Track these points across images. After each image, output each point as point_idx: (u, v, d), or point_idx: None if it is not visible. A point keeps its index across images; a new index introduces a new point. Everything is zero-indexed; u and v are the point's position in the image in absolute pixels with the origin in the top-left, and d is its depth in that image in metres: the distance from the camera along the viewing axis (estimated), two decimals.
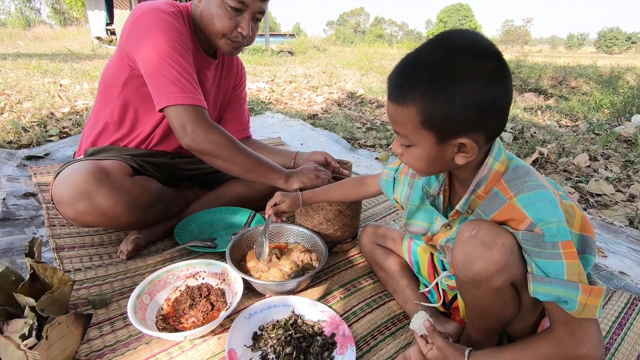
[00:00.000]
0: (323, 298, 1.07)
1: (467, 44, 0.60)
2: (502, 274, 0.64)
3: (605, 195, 2.06)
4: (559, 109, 4.88)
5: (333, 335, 0.90)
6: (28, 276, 0.82)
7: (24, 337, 0.72)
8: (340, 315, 0.99)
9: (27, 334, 0.72)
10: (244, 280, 1.00)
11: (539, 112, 4.75)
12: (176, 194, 1.35)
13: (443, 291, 0.94)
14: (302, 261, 1.15)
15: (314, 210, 1.23)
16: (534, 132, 3.34)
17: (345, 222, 1.25)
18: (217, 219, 1.41)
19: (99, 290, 1.05)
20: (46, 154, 2.06)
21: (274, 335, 0.89)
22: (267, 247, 1.13)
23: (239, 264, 1.13)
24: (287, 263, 1.13)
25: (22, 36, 12.40)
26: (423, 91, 0.61)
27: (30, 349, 0.69)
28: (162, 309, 0.97)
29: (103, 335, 0.89)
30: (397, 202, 0.98)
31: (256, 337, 0.89)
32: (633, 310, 1.07)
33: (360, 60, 9.21)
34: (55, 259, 1.15)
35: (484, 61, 0.60)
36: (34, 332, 0.73)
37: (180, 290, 1.02)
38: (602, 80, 6.67)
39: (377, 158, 2.55)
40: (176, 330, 0.90)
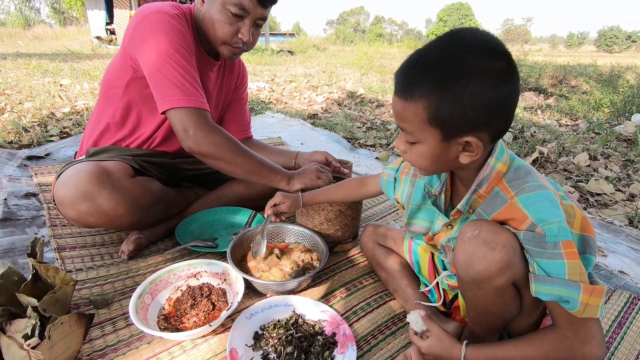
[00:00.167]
0: (324, 298, 1.08)
1: (477, 42, 0.60)
2: (504, 273, 0.65)
3: (605, 194, 2.06)
4: (559, 108, 4.88)
5: (334, 334, 0.91)
6: (30, 276, 0.83)
7: (26, 337, 0.72)
8: (341, 315, 0.99)
9: (29, 333, 0.73)
10: (245, 280, 1.00)
11: (539, 111, 4.74)
12: (177, 194, 1.36)
13: (444, 291, 0.95)
14: (302, 261, 1.15)
15: (315, 210, 1.23)
16: (534, 132, 3.35)
17: (345, 222, 1.25)
18: (218, 219, 1.42)
19: (101, 290, 1.05)
20: (47, 154, 2.06)
21: (275, 334, 0.89)
22: (264, 245, 1.14)
23: (240, 263, 1.14)
24: (288, 263, 1.14)
25: (21, 36, 12.39)
26: (431, 87, 0.61)
27: (33, 348, 0.69)
28: (163, 309, 0.98)
29: (105, 335, 0.90)
30: (397, 202, 0.98)
31: (257, 337, 0.90)
32: (632, 310, 1.07)
33: (360, 59, 9.21)
34: (56, 259, 1.15)
35: (494, 60, 0.60)
36: (36, 332, 0.73)
37: (181, 290, 1.03)
38: (602, 80, 6.67)
39: (377, 157, 2.55)
40: (177, 330, 0.91)
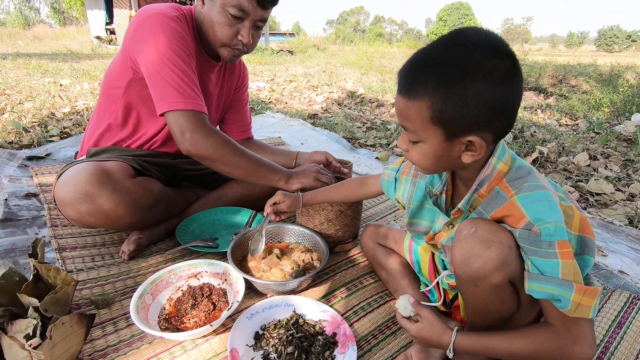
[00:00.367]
0: (324, 298, 1.08)
1: (482, 41, 0.60)
2: (500, 271, 0.65)
3: (605, 194, 2.06)
4: (558, 108, 4.88)
5: (334, 334, 0.91)
6: (31, 276, 0.83)
7: (28, 337, 0.72)
8: (342, 315, 1.00)
9: (31, 334, 0.73)
10: (246, 280, 1.01)
11: (538, 111, 4.74)
12: (177, 194, 1.36)
13: (444, 290, 0.95)
14: (303, 261, 1.15)
15: (315, 210, 1.23)
16: (534, 131, 3.35)
17: (346, 222, 1.25)
18: (218, 219, 1.42)
19: (102, 290, 1.05)
20: (47, 154, 2.06)
21: (275, 334, 0.89)
22: (262, 244, 1.14)
23: (241, 263, 1.14)
24: (289, 263, 1.14)
25: (21, 36, 12.38)
26: (435, 86, 0.61)
27: (35, 348, 0.69)
28: (164, 309, 0.98)
29: (106, 335, 0.90)
30: (398, 202, 0.98)
31: (258, 337, 0.90)
32: (632, 309, 1.07)
33: (360, 59, 9.21)
34: (57, 259, 1.15)
35: (498, 60, 0.60)
36: (38, 332, 0.74)
37: (182, 290, 1.03)
38: (602, 79, 6.66)
39: (377, 157, 2.55)
40: (178, 330, 0.91)
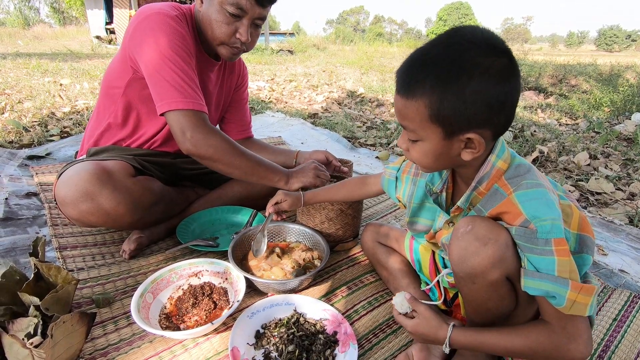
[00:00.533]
0: (325, 296, 1.08)
1: (478, 39, 0.61)
2: (497, 268, 0.65)
3: (605, 193, 2.06)
4: (559, 108, 4.88)
5: (335, 333, 0.91)
6: (32, 275, 0.83)
7: (29, 336, 0.72)
8: (342, 314, 1.00)
9: (32, 332, 0.73)
10: (246, 279, 1.01)
11: (539, 111, 4.74)
12: (178, 194, 1.36)
13: (444, 289, 0.95)
14: (303, 260, 1.15)
15: (316, 209, 1.23)
16: (534, 131, 3.35)
17: (346, 221, 1.25)
18: (218, 218, 1.42)
19: (102, 289, 1.05)
20: (47, 154, 2.07)
21: (276, 333, 0.89)
22: (264, 244, 1.14)
23: (241, 262, 1.14)
24: (289, 262, 1.14)
25: (21, 35, 12.39)
26: (433, 85, 0.61)
27: (36, 347, 0.69)
28: (165, 308, 0.98)
29: (107, 334, 0.90)
30: (399, 201, 0.98)
31: (259, 336, 0.90)
32: (633, 308, 1.07)
33: (360, 59, 9.21)
34: (58, 258, 1.15)
35: (495, 57, 0.60)
36: (39, 331, 0.74)
37: (183, 289, 1.03)
38: (602, 79, 6.66)
39: (377, 157, 2.55)
40: (179, 329, 0.91)
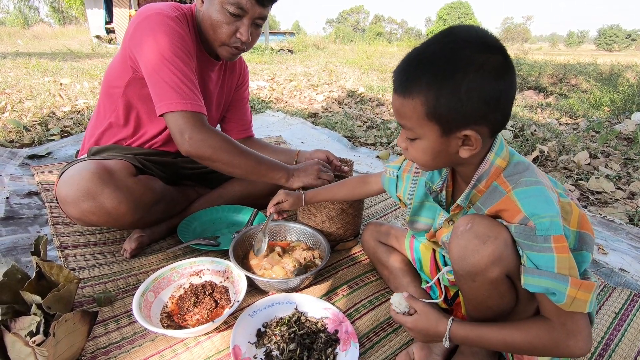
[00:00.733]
0: (326, 295, 1.08)
1: (473, 37, 0.62)
2: (497, 266, 0.65)
3: (605, 192, 2.06)
4: (559, 107, 4.88)
5: (336, 332, 0.91)
6: (34, 274, 0.83)
7: (31, 334, 0.72)
8: (343, 312, 1.00)
9: (34, 331, 0.73)
10: (248, 278, 1.01)
11: (539, 110, 4.74)
12: (179, 193, 1.36)
13: (445, 287, 0.95)
14: (304, 259, 1.16)
15: (317, 208, 1.23)
16: (534, 130, 3.35)
17: (347, 220, 1.25)
18: (219, 217, 1.42)
19: (104, 288, 1.05)
20: (48, 153, 2.07)
21: (277, 332, 0.90)
22: (265, 243, 1.14)
23: (242, 261, 1.14)
24: (290, 261, 1.14)
25: (21, 35, 12.36)
26: (429, 83, 0.62)
27: (38, 345, 0.70)
28: (166, 307, 0.98)
29: (109, 333, 0.90)
30: (400, 200, 0.99)
31: (260, 334, 0.90)
32: (633, 307, 1.08)
33: (360, 58, 9.20)
34: (59, 257, 1.16)
35: (490, 54, 0.61)
36: (41, 329, 0.74)
37: (184, 288, 1.03)
38: (602, 78, 6.67)
39: (378, 156, 2.56)
40: (181, 328, 0.91)
